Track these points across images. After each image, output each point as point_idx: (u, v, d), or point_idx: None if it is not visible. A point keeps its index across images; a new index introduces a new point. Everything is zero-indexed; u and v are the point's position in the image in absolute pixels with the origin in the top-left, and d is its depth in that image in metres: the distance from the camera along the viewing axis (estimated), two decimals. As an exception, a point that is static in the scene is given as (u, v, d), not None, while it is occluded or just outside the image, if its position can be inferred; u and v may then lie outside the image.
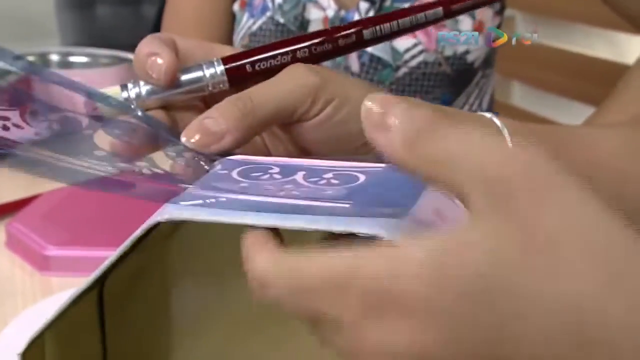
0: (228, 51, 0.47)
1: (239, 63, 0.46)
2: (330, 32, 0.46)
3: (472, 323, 0.25)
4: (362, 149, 0.44)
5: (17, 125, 0.40)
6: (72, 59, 1.07)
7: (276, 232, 0.32)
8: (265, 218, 0.31)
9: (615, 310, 0.25)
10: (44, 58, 1.06)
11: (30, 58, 1.03)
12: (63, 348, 0.39)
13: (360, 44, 0.47)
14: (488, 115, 0.49)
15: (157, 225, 0.33)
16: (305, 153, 0.46)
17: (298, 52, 0.45)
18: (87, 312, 0.41)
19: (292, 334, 0.45)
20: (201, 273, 0.45)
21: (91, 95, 0.43)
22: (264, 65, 0.45)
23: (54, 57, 1.07)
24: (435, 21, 0.48)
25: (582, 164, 0.49)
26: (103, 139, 0.41)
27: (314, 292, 0.28)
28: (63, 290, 0.64)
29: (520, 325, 0.25)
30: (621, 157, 0.51)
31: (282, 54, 0.46)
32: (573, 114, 1.38)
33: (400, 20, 0.47)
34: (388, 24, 0.47)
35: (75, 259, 0.68)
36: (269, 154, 0.47)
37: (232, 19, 0.95)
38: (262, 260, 0.29)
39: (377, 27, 0.47)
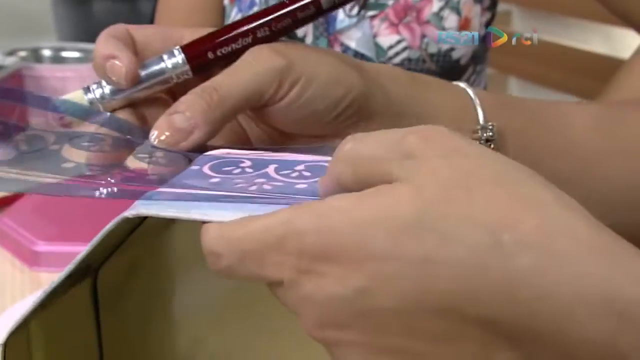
0: (187, 35, 0.46)
1: (199, 50, 0.44)
2: (287, 5, 0.45)
3: (398, 260, 0.27)
4: (332, 124, 0.44)
5: None
6: (65, 54, 1.07)
7: None
8: (233, 213, 0.31)
9: (528, 224, 0.27)
10: (36, 53, 1.06)
11: (22, 53, 1.03)
12: (53, 340, 0.39)
13: (319, 13, 0.45)
14: (462, 84, 0.50)
15: (145, 219, 0.33)
16: (280, 133, 0.46)
17: (258, 31, 0.44)
18: (82, 305, 0.40)
19: (288, 327, 0.45)
20: (197, 266, 0.45)
21: (56, 106, 0.42)
22: (225, 50, 0.44)
23: (46, 53, 1.07)
24: None
25: (552, 138, 0.50)
26: (71, 152, 0.40)
27: (254, 255, 0.29)
28: (52, 286, 0.64)
29: (444, 255, 0.27)
30: (590, 134, 0.51)
31: (242, 35, 0.44)
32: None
33: None
34: None
35: (65, 255, 0.68)
36: (246, 137, 0.47)
37: (223, 13, 0.94)
38: (212, 231, 0.30)
39: None
